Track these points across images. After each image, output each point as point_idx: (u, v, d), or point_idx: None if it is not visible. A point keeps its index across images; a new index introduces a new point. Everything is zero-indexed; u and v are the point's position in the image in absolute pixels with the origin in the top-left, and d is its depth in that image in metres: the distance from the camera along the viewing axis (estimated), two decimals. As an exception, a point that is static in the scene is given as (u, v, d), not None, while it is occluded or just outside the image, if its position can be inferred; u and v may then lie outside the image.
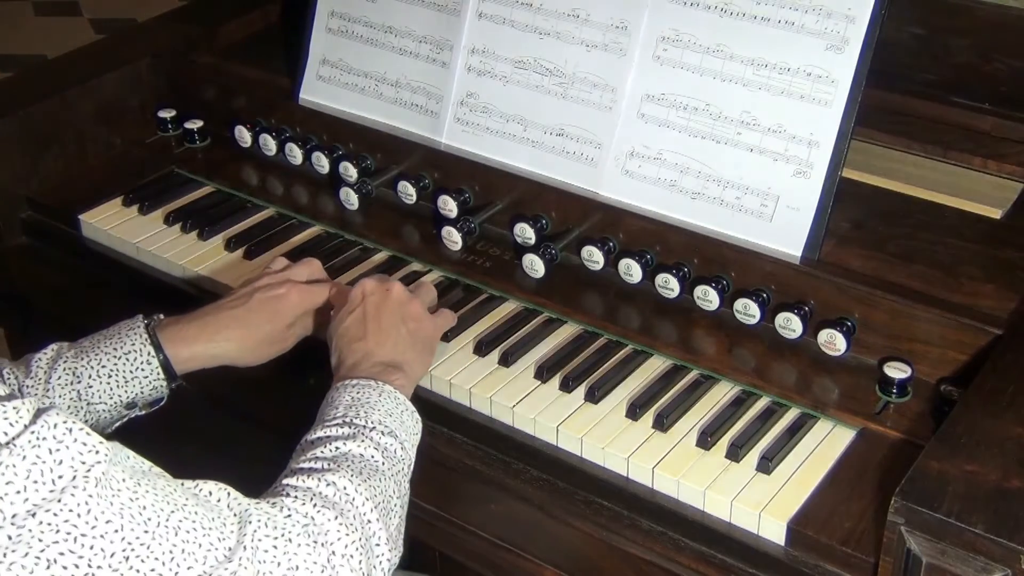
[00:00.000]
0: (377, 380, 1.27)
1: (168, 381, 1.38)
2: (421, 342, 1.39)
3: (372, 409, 1.23)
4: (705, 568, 1.26)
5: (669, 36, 1.54)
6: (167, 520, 0.93)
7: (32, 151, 1.88)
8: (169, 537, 0.93)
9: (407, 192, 1.71)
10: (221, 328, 1.41)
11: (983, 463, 1.12)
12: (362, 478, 1.12)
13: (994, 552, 1.04)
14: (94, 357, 1.35)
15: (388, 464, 1.18)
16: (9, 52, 4.68)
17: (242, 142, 1.90)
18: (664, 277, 1.51)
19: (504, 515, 1.40)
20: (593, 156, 1.60)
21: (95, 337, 1.39)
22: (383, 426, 1.21)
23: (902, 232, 1.49)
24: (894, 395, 1.36)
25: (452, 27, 1.72)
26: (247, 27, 2.14)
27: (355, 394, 1.25)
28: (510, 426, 1.41)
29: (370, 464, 1.15)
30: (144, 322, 1.39)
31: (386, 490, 1.16)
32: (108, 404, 1.35)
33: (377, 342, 1.34)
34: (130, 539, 0.90)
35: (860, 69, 1.42)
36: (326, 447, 1.16)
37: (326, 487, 1.09)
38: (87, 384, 1.34)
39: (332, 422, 1.21)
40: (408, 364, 1.35)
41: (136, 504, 0.92)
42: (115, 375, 1.35)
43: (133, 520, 0.91)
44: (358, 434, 1.18)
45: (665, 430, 1.35)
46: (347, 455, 1.15)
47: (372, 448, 1.17)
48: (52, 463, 0.87)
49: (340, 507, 1.08)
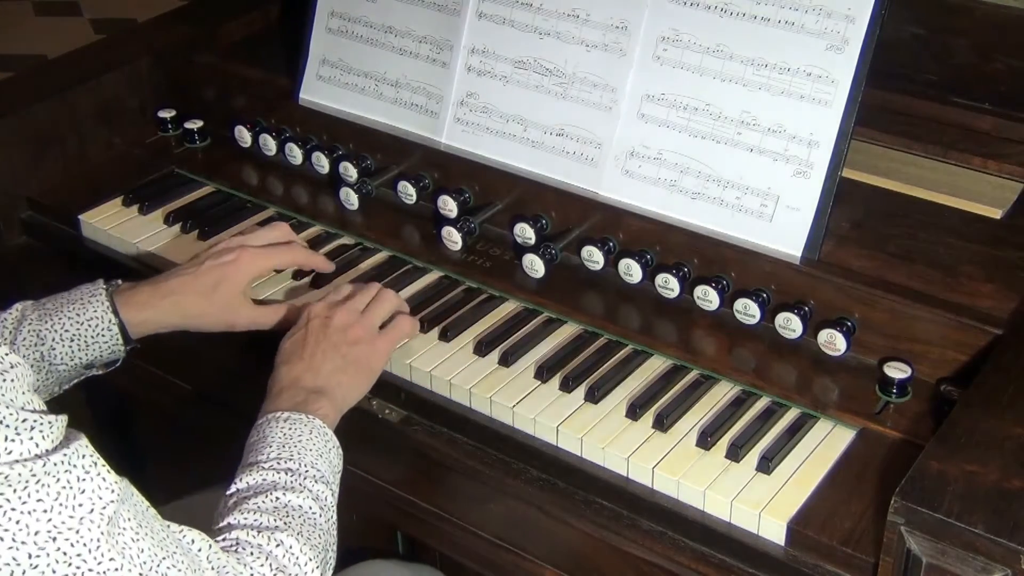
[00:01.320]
0: (307, 414, 1.29)
1: (125, 344, 1.45)
2: (355, 366, 1.39)
3: (304, 450, 1.24)
4: (705, 568, 1.26)
5: (669, 36, 1.54)
6: (158, 566, 0.96)
7: (32, 151, 1.88)
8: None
9: (407, 192, 1.71)
10: (170, 292, 1.47)
11: (983, 463, 1.12)
12: (305, 537, 1.15)
13: (994, 552, 1.04)
14: (57, 321, 1.41)
15: (323, 516, 1.20)
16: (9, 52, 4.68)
17: (242, 142, 1.90)
18: (664, 277, 1.51)
19: (504, 515, 1.40)
20: (593, 156, 1.60)
21: (58, 300, 1.44)
22: (316, 470, 1.23)
23: (902, 232, 1.49)
24: (894, 395, 1.36)
25: (452, 27, 1.72)
26: (247, 27, 2.14)
27: (286, 430, 1.26)
28: (510, 426, 1.40)
29: (309, 519, 1.18)
30: (105, 287, 1.44)
31: (323, 544, 1.18)
32: (69, 365, 1.42)
33: (308, 367, 1.36)
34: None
35: (860, 69, 1.42)
36: (268, 497, 1.18)
37: (276, 547, 1.11)
38: (50, 346, 1.40)
39: (267, 464, 1.22)
40: (338, 388, 1.36)
41: (136, 546, 0.94)
42: (77, 339, 1.41)
43: (131, 562, 0.93)
44: (295, 484, 1.20)
45: (665, 430, 1.35)
46: (288, 507, 1.17)
47: (310, 499, 1.20)
48: (77, 491, 0.89)
49: (289, 571, 1.11)
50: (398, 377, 1.49)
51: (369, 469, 1.51)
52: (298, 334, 1.40)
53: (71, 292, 1.45)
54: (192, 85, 2.00)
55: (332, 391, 1.35)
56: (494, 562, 1.44)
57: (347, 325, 1.41)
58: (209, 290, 1.47)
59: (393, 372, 1.49)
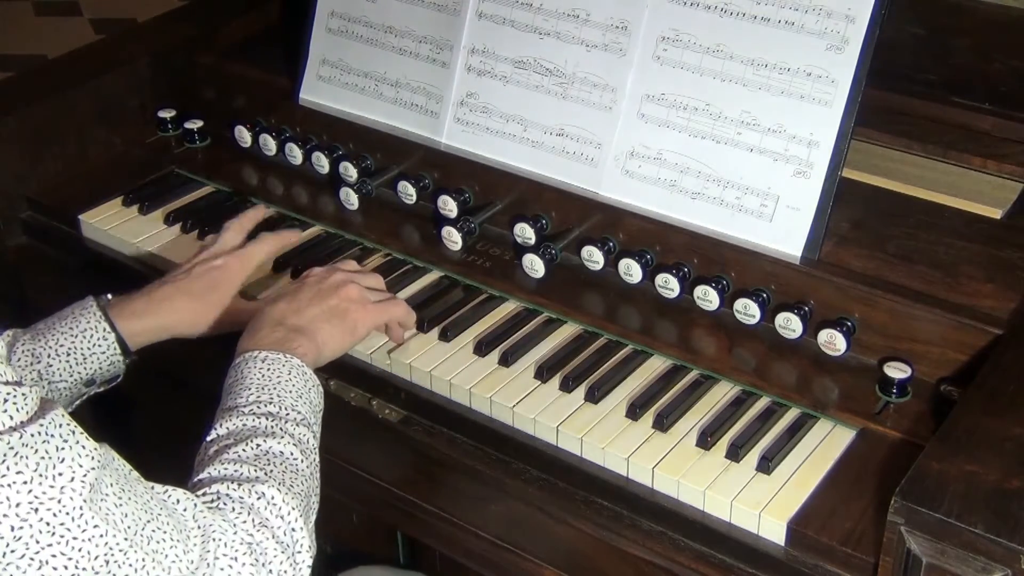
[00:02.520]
0: (285, 353, 1.28)
1: (124, 356, 1.43)
2: (340, 319, 1.39)
3: (284, 392, 1.24)
4: (705, 568, 1.26)
5: (669, 36, 1.54)
6: (143, 529, 0.96)
7: (32, 151, 1.88)
8: (143, 545, 0.95)
9: (407, 192, 1.71)
10: (165, 300, 1.46)
11: (983, 463, 1.12)
12: (287, 486, 1.14)
13: (994, 552, 1.04)
14: (51, 337, 1.39)
15: (305, 461, 1.19)
16: (9, 52, 4.68)
17: (242, 142, 1.90)
18: (664, 277, 1.51)
19: (504, 515, 1.40)
20: (593, 156, 1.60)
21: (48, 320, 1.43)
22: (296, 413, 1.22)
23: (902, 232, 1.49)
24: (894, 395, 1.36)
25: (452, 27, 1.72)
26: (247, 27, 2.14)
27: (265, 371, 1.25)
28: (510, 426, 1.40)
29: (291, 465, 1.17)
30: (94, 300, 1.43)
31: (306, 491, 1.17)
32: (68, 382, 1.39)
33: (295, 309, 1.37)
34: (111, 544, 0.92)
35: (860, 69, 1.42)
36: (248, 444, 1.17)
37: (257, 500, 1.10)
38: (47, 363, 1.38)
39: (247, 408, 1.21)
40: (319, 333, 1.36)
41: (119, 511, 0.94)
42: (73, 353, 1.39)
43: (115, 527, 0.93)
44: (276, 428, 1.19)
45: (665, 430, 1.35)
46: (269, 455, 1.16)
47: (291, 444, 1.19)
48: (56, 460, 0.89)
49: (272, 524, 1.10)
50: (398, 377, 1.49)
51: (369, 469, 1.51)
52: (293, 284, 1.43)
53: (61, 312, 1.43)
54: (192, 85, 2.00)
55: (313, 334, 1.35)
56: (494, 562, 1.44)
57: (343, 283, 1.42)
58: (203, 293, 1.47)
59: (393, 372, 1.49)
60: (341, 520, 1.84)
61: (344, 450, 1.51)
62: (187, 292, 1.47)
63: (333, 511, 1.84)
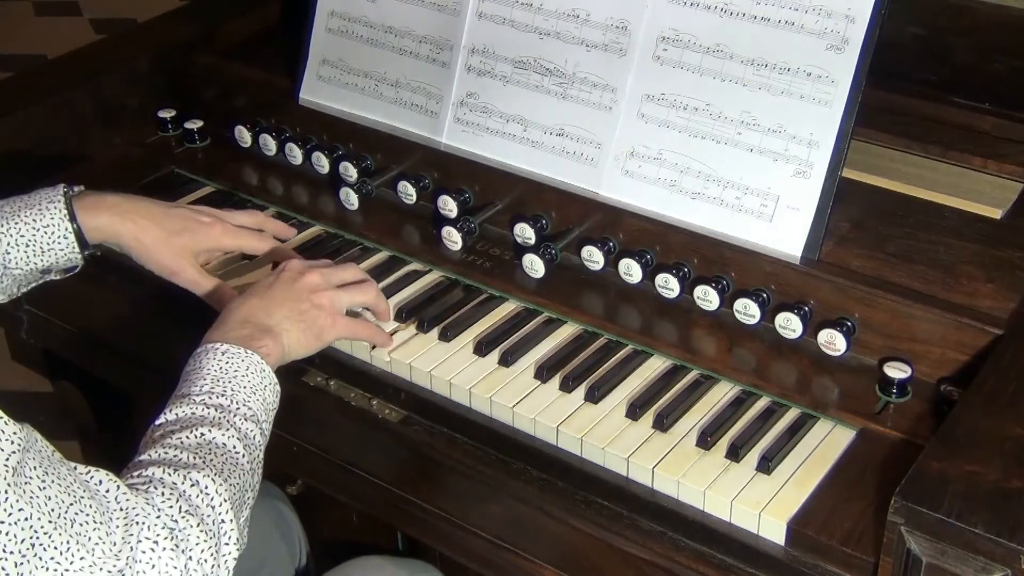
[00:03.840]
0: (247, 349, 1.29)
1: (82, 250, 1.47)
2: (308, 324, 1.39)
3: (238, 386, 1.24)
4: (705, 568, 1.26)
5: (669, 36, 1.54)
6: (66, 511, 0.97)
7: (32, 151, 1.88)
8: (67, 528, 0.96)
9: (407, 192, 1.71)
10: (134, 210, 1.49)
11: (983, 463, 1.12)
12: (223, 477, 1.14)
13: (994, 552, 1.04)
14: (13, 226, 1.43)
15: (247, 456, 1.20)
16: (9, 52, 4.68)
17: (242, 142, 1.90)
18: (664, 277, 1.51)
19: (504, 515, 1.40)
20: (593, 156, 1.60)
21: (15, 203, 1.46)
22: (247, 408, 1.23)
23: (902, 232, 1.49)
24: (894, 395, 1.36)
25: (452, 27, 1.72)
26: (247, 27, 2.14)
27: (223, 363, 1.26)
28: (510, 426, 1.41)
29: (231, 458, 1.18)
30: (64, 192, 1.46)
31: (242, 485, 1.18)
32: (24, 270, 1.44)
33: (264, 306, 1.37)
34: (36, 527, 0.94)
35: (860, 69, 1.42)
36: (192, 432, 1.17)
37: (190, 487, 1.11)
38: (5, 250, 1.42)
39: (199, 398, 1.22)
40: (286, 335, 1.36)
41: (43, 494, 0.95)
42: (32, 245, 1.44)
43: (40, 510, 0.94)
44: (223, 420, 1.20)
45: (665, 430, 1.35)
46: (211, 445, 1.17)
47: (235, 438, 1.19)
48: None
49: (201, 512, 1.10)
50: (398, 377, 1.49)
51: (369, 469, 1.51)
52: (268, 279, 1.42)
53: (30, 195, 1.47)
54: (192, 85, 2.00)
55: (279, 336, 1.35)
56: (494, 562, 1.44)
57: (316, 288, 1.42)
58: (172, 231, 1.49)
59: (393, 372, 1.49)
60: (341, 520, 1.84)
61: (344, 450, 1.51)
62: (158, 218, 1.49)
63: (333, 511, 1.85)
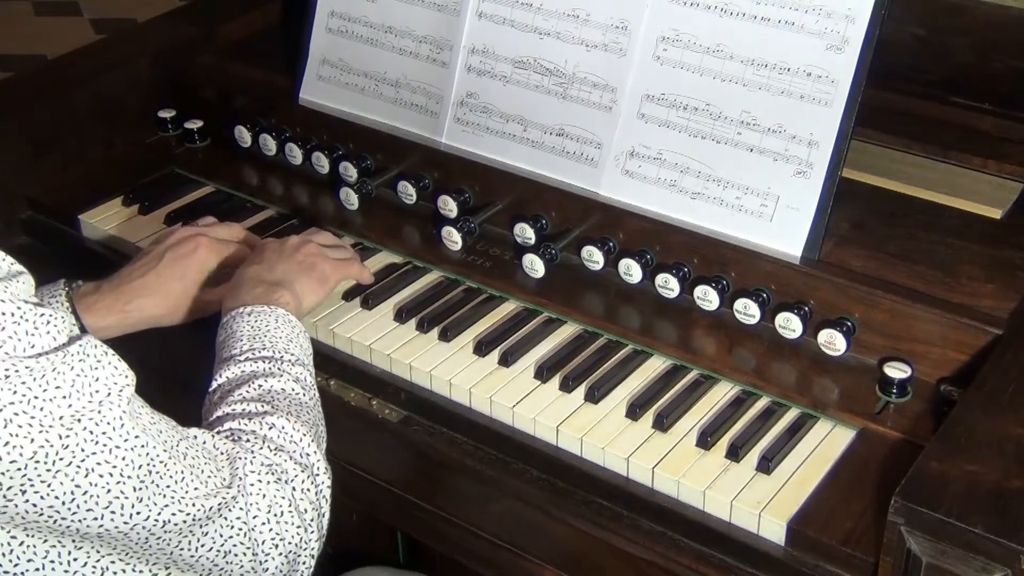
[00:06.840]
0: (269, 305, 1.34)
1: None
2: (309, 270, 1.47)
3: (275, 338, 1.29)
4: (705, 568, 1.26)
5: (669, 36, 1.54)
6: (177, 445, 1.03)
7: (32, 151, 1.88)
8: (180, 460, 1.02)
9: (407, 192, 1.71)
10: (133, 297, 1.47)
11: (983, 463, 1.12)
12: (295, 416, 1.19)
13: (994, 552, 1.04)
14: None
15: (307, 395, 1.25)
16: (9, 52, 4.68)
17: (242, 142, 1.90)
18: (664, 277, 1.51)
19: (504, 515, 1.40)
20: (593, 156, 1.60)
21: None
22: (290, 355, 1.28)
23: (902, 232, 1.49)
24: (894, 395, 1.36)
25: (452, 27, 1.72)
26: (247, 27, 2.14)
27: (253, 322, 1.31)
28: (510, 426, 1.41)
29: (294, 399, 1.22)
30: (64, 289, 1.44)
31: (313, 420, 1.23)
32: None
33: (266, 268, 1.43)
34: (152, 455, 0.99)
35: (860, 69, 1.42)
36: (250, 386, 1.22)
37: (269, 430, 1.16)
38: None
39: (243, 356, 1.26)
40: (295, 283, 1.42)
41: (155, 427, 1.01)
42: None
43: (154, 439, 1.00)
44: (274, 369, 1.24)
45: (665, 430, 1.35)
46: (271, 392, 1.21)
47: (291, 381, 1.24)
48: (91, 378, 0.95)
49: (287, 448, 1.15)
50: (398, 377, 1.49)
51: (369, 469, 1.51)
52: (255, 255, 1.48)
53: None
54: (192, 85, 2.00)
55: (291, 284, 1.41)
56: (494, 562, 1.44)
57: (301, 243, 1.50)
58: (174, 289, 1.48)
59: (393, 372, 1.49)
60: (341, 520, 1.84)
61: (344, 450, 1.51)
62: (154, 288, 1.47)
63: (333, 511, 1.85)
